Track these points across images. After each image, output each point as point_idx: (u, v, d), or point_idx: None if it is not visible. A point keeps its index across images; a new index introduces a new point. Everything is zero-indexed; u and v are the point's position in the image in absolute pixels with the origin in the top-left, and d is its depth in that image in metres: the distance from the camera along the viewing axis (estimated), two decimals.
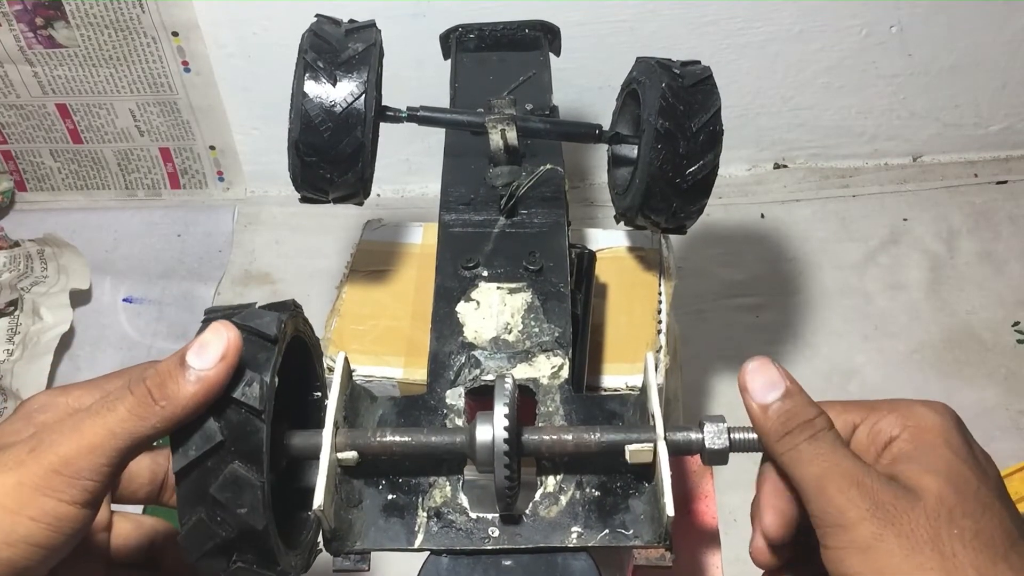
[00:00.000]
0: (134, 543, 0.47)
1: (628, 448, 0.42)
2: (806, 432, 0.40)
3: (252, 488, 0.38)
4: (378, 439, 0.43)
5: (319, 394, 0.47)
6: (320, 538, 0.42)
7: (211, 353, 0.37)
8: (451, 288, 0.53)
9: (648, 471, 0.44)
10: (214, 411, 0.38)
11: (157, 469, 0.47)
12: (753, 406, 0.41)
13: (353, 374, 0.47)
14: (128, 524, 0.47)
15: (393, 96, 0.60)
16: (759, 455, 0.44)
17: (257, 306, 0.42)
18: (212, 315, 0.41)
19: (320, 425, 0.43)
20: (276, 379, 0.39)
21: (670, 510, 0.40)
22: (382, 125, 0.56)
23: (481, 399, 0.47)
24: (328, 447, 0.42)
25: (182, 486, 0.38)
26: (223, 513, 0.38)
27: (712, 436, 0.42)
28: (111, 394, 0.38)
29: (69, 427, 0.37)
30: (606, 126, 0.61)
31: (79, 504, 0.36)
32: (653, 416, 0.43)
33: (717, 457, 0.42)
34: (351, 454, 0.43)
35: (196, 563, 0.39)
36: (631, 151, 0.61)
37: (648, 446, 0.42)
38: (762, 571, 0.44)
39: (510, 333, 0.51)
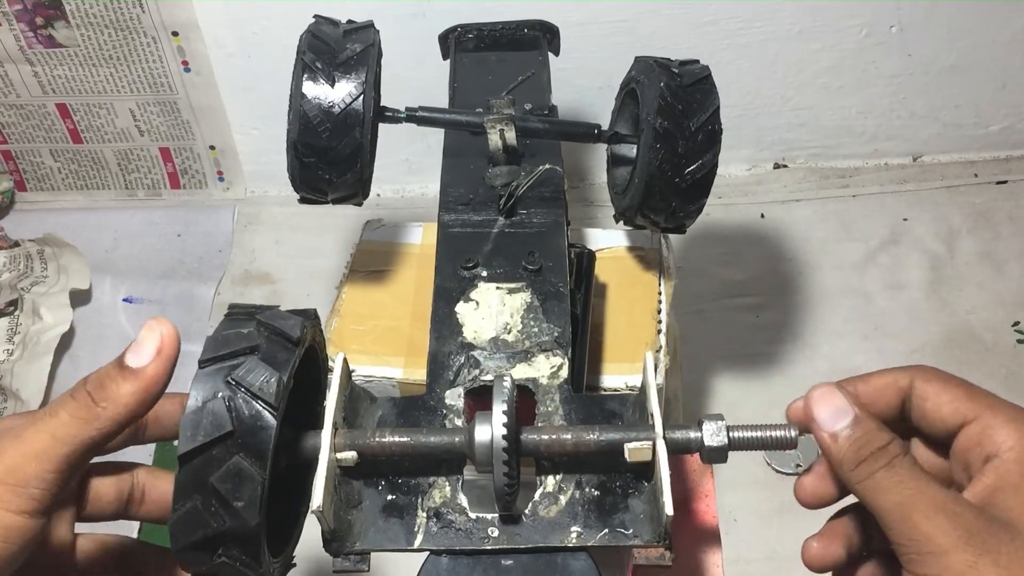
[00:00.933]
0: (101, 561, 0.46)
1: (627, 446, 0.42)
2: (881, 460, 0.38)
3: (253, 482, 0.38)
4: (377, 440, 0.43)
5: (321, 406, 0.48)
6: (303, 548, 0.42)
7: (146, 350, 0.38)
8: (450, 288, 0.53)
9: (647, 470, 0.44)
10: (228, 402, 0.38)
11: (123, 485, 0.46)
12: (823, 436, 0.40)
13: (353, 374, 0.47)
14: (92, 543, 0.46)
15: (393, 96, 0.60)
16: (760, 454, 0.44)
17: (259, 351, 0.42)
18: (236, 310, 0.41)
19: (319, 427, 0.43)
20: (292, 380, 0.40)
21: (669, 509, 0.40)
22: (381, 125, 0.56)
23: (480, 399, 0.47)
24: (327, 448, 0.42)
25: (182, 472, 0.38)
26: (219, 504, 0.38)
27: (711, 434, 0.42)
28: (53, 403, 0.38)
29: (11, 437, 0.36)
30: (605, 126, 0.61)
31: (27, 513, 0.36)
32: (652, 415, 0.43)
33: (716, 455, 0.42)
34: (350, 454, 0.43)
35: (180, 553, 0.38)
36: (630, 150, 0.61)
37: (647, 444, 0.42)
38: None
39: (509, 333, 0.51)
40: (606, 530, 0.43)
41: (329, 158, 0.53)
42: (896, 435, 0.40)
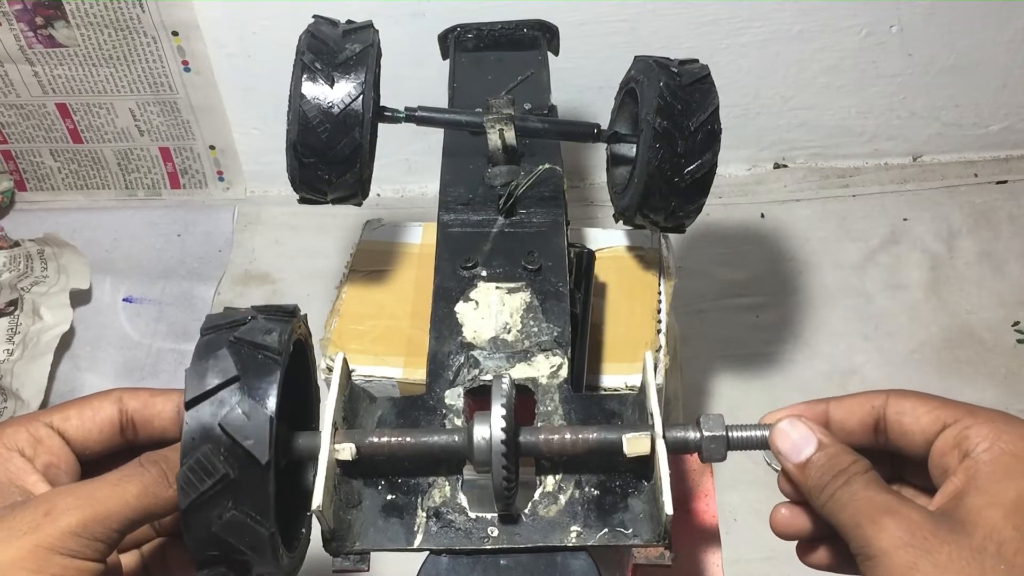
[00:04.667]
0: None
1: (625, 438, 0.42)
2: (840, 479, 0.39)
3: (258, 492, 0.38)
4: (377, 439, 0.43)
5: (314, 394, 0.48)
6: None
7: None
8: (450, 288, 0.53)
9: (647, 470, 0.44)
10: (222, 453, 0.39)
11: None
12: (790, 467, 0.41)
13: (353, 374, 0.47)
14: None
15: (393, 96, 0.60)
16: (759, 453, 0.44)
17: (260, 318, 0.43)
18: (210, 331, 0.42)
19: (313, 425, 0.43)
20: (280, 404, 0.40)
21: (669, 508, 0.40)
22: (381, 125, 0.56)
23: (480, 399, 0.47)
24: (327, 448, 0.42)
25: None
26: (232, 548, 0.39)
27: (710, 434, 0.42)
28: (125, 469, 0.41)
29: (85, 496, 0.39)
30: (605, 126, 0.61)
31: (92, 560, 0.39)
32: (652, 415, 0.43)
33: (715, 454, 0.42)
34: (347, 446, 0.43)
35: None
36: (630, 150, 0.61)
37: (645, 434, 0.42)
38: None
39: (509, 333, 0.51)
40: (606, 530, 0.43)
41: (328, 158, 0.53)
42: (860, 456, 0.40)
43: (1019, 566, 0.35)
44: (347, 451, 0.43)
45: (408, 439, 0.43)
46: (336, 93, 0.52)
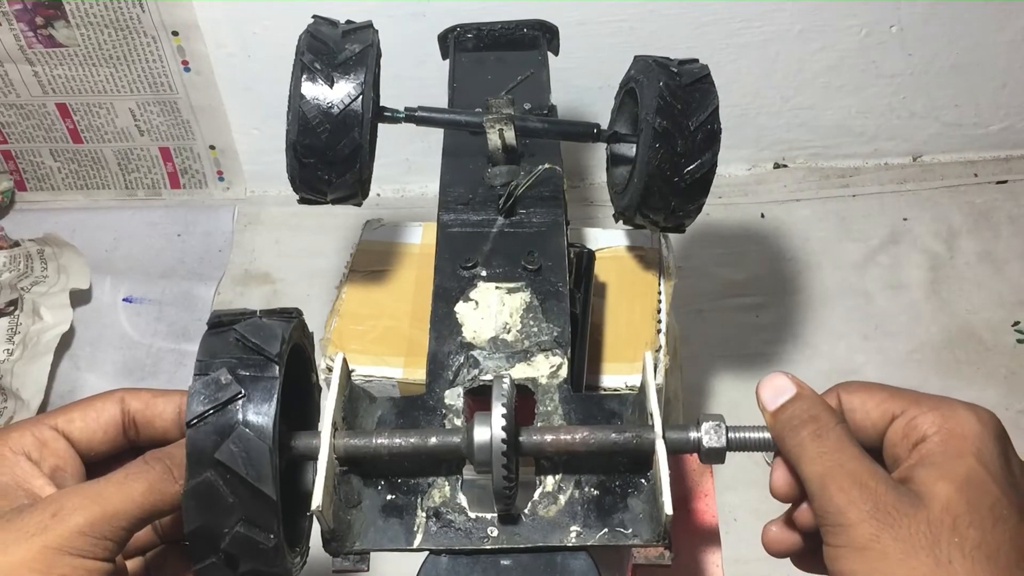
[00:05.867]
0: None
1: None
2: (810, 427, 0.40)
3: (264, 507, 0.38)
4: (377, 440, 0.43)
5: (314, 390, 0.48)
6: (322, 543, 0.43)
7: None
8: (450, 288, 0.53)
9: (647, 469, 0.44)
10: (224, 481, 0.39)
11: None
12: (765, 415, 0.42)
13: (352, 374, 0.47)
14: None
15: (394, 96, 0.60)
16: (759, 454, 0.44)
17: (258, 314, 0.43)
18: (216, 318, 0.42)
19: (312, 426, 0.43)
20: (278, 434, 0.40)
21: (669, 509, 0.40)
22: (381, 125, 0.56)
23: (480, 399, 0.47)
24: (327, 448, 0.42)
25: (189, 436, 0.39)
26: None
27: (710, 434, 0.42)
28: (130, 467, 0.42)
29: (92, 495, 0.40)
30: (605, 126, 0.61)
31: (101, 559, 0.39)
32: (652, 415, 0.43)
33: (714, 456, 0.42)
34: (349, 450, 0.43)
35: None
36: (629, 150, 0.61)
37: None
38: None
39: (509, 333, 0.51)
40: (605, 530, 0.43)
41: (328, 159, 0.53)
42: (834, 410, 0.41)
43: (971, 539, 0.36)
44: (348, 455, 0.43)
45: (408, 439, 0.43)
46: (336, 93, 0.52)
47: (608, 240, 0.70)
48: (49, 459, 0.43)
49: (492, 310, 0.52)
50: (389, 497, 0.44)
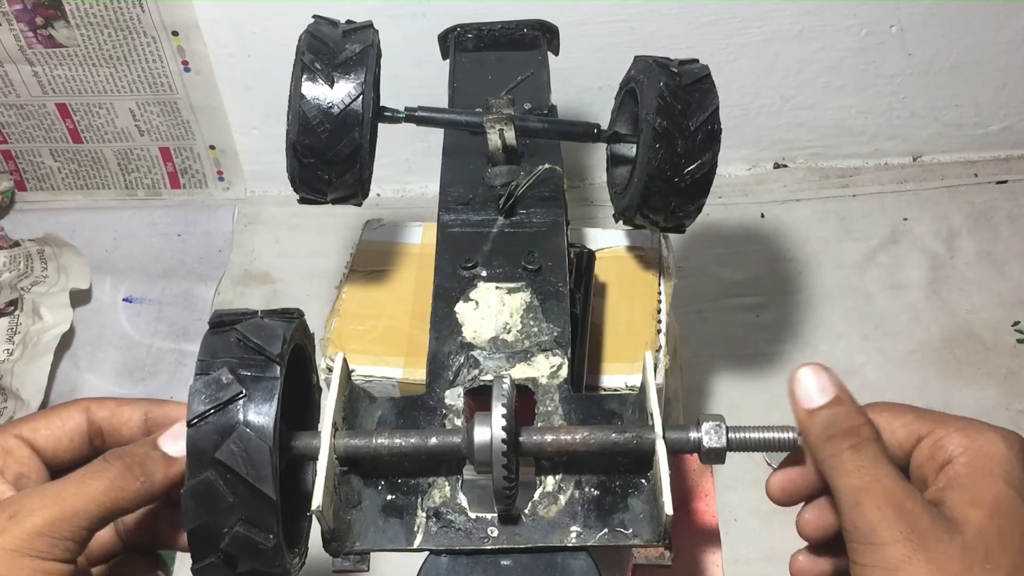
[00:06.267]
0: None
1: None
2: (850, 439, 0.39)
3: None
4: (377, 440, 0.43)
5: (314, 390, 0.48)
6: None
7: (183, 443, 0.40)
8: (450, 288, 0.53)
9: (647, 469, 0.44)
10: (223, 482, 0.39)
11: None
12: (799, 410, 0.41)
13: (352, 374, 0.47)
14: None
15: (394, 96, 0.60)
16: (760, 455, 0.44)
17: (260, 314, 0.43)
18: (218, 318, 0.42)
19: (312, 426, 0.43)
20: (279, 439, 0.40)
21: (669, 509, 0.40)
22: (381, 125, 0.56)
23: (480, 399, 0.47)
24: (327, 448, 0.42)
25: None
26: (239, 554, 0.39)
27: (710, 435, 0.42)
28: (91, 467, 0.41)
29: (51, 495, 0.39)
30: (605, 126, 0.61)
31: (61, 560, 0.39)
32: (652, 415, 0.43)
33: (714, 456, 0.42)
34: (349, 450, 0.43)
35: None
36: (629, 150, 0.61)
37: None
38: None
39: (509, 333, 0.51)
40: (606, 530, 0.43)
41: (328, 158, 0.53)
42: (872, 421, 0.40)
43: (1003, 567, 0.36)
44: (348, 455, 0.43)
45: (408, 439, 0.43)
46: (336, 93, 0.52)
47: (608, 240, 0.70)
48: (12, 467, 0.43)
49: (492, 310, 0.52)
50: (389, 497, 0.44)
